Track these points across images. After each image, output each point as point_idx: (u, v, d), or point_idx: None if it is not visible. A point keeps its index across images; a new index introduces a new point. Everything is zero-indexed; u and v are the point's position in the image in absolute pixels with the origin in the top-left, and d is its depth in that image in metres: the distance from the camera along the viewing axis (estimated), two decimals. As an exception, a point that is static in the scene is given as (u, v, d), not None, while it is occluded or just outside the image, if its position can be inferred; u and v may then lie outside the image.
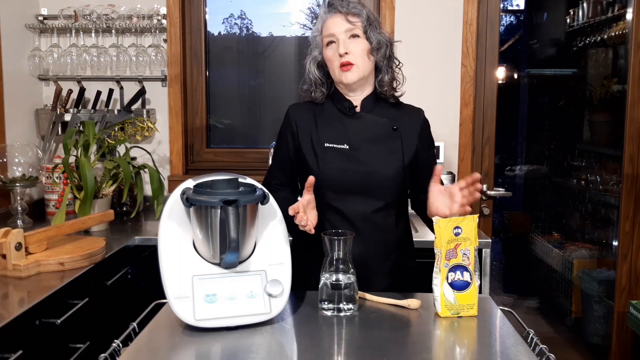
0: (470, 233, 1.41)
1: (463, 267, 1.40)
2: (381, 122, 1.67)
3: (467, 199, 1.45)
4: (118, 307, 2.09)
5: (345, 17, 1.61)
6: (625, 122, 2.67)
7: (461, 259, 1.40)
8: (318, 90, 1.70)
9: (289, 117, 1.72)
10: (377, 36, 1.63)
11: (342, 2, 1.64)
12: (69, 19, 2.84)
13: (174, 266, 1.31)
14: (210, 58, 3.04)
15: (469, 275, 1.40)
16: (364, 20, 1.62)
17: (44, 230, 1.91)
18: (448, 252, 1.41)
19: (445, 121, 2.82)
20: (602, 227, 3.65)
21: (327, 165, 1.62)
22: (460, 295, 1.40)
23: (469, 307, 1.41)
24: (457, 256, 1.41)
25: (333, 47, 1.62)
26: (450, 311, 1.40)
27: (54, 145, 2.89)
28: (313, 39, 1.70)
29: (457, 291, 1.40)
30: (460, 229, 1.40)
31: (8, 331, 1.43)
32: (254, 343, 1.24)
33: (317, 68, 1.69)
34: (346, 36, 1.61)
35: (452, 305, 1.40)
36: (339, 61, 1.61)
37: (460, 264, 1.41)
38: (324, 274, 1.39)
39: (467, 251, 1.41)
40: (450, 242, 1.41)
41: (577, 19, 3.84)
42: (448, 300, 1.40)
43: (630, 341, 2.74)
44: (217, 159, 3.02)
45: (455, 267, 1.41)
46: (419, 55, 2.80)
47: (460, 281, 1.40)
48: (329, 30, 1.62)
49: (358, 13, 1.62)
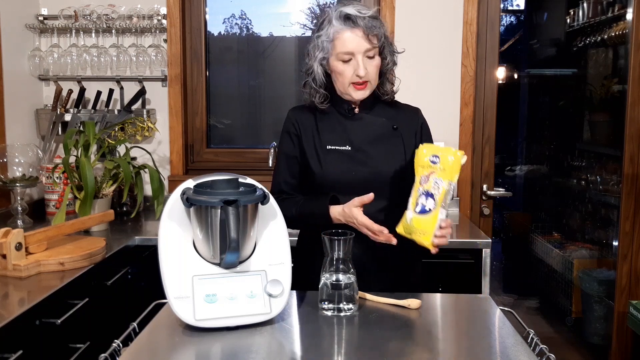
0: (448, 165, 1.41)
1: (430, 195, 1.42)
2: (381, 122, 1.67)
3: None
4: (118, 307, 2.09)
5: (366, 37, 1.57)
6: (625, 122, 2.67)
7: (431, 187, 1.42)
8: (320, 94, 1.67)
9: (291, 121, 1.71)
10: (391, 54, 1.64)
11: (363, 19, 1.57)
12: (69, 19, 2.84)
13: (174, 266, 1.31)
14: (211, 58, 3.04)
15: (433, 204, 1.41)
16: (382, 39, 1.61)
17: (44, 230, 1.91)
18: (422, 178, 1.44)
19: (445, 121, 2.82)
20: (602, 227, 3.64)
21: (330, 167, 1.63)
22: (417, 219, 1.42)
23: (422, 232, 1.42)
24: (428, 182, 1.43)
25: (350, 65, 1.59)
26: (404, 230, 1.44)
27: (54, 145, 2.89)
28: (320, 43, 1.62)
29: (416, 214, 1.42)
30: (438, 158, 1.42)
31: (8, 331, 1.43)
32: (254, 343, 1.24)
33: (322, 72, 1.66)
34: (364, 55, 1.58)
35: (408, 225, 1.44)
36: (354, 79, 1.59)
37: (429, 191, 1.42)
38: (324, 274, 1.39)
39: (439, 181, 1.41)
40: (425, 168, 1.44)
41: (577, 19, 3.84)
42: (406, 220, 1.44)
43: (630, 341, 2.74)
44: (217, 159, 3.02)
45: (424, 193, 1.43)
46: (419, 55, 2.80)
47: (423, 206, 1.42)
48: (347, 47, 1.57)
49: (378, 33, 1.59)
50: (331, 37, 1.60)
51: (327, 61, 1.63)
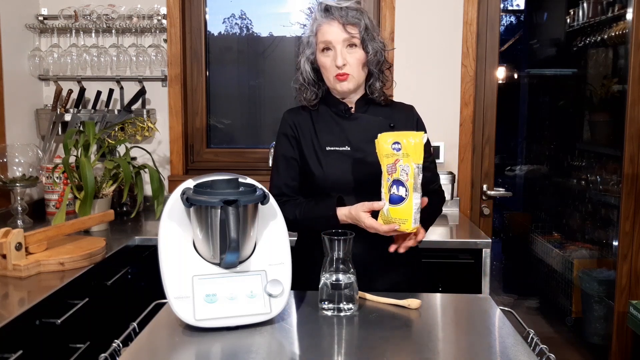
0: (410, 149, 1.40)
1: (400, 182, 1.41)
2: (378, 121, 1.67)
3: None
4: (118, 307, 2.09)
5: (343, 27, 1.57)
6: (625, 122, 2.67)
7: (399, 174, 1.41)
8: (310, 90, 1.67)
9: (288, 122, 1.70)
10: (374, 45, 1.62)
11: (340, 9, 1.58)
12: (69, 19, 2.84)
13: (174, 266, 1.31)
14: (210, 58, 3.04)
15: (405, 191, 1.41)
16: (362, 30, 1.59)
17: (44, 230, 1.91)
18: (388, 167, 1.43)
19: (445, 121, 2.82)
20: (602, 227, 3.64)
21: (330, 168, 1.62)
22: (394, 209, 1.42)
23: (402, 221, 1.42)
24: (396, 171, 1.42)
25: (329, 55, 1.60)
26: (383, 222, 1.45)
27: (54, 145, 2.89)
28: (306, 39, 1.65)
29: (391, 205, 1.42)
30: (399, 144, 1.41)
31: (8, 331, 1.43)
32: (254, 343, 1.24)
33: (310, 68, 1.67)
34: (343, 45, 1.58)
35: (386, 217, 1.44)
36: (335, 71, 1.60)
37: (398, 179, 1.42)
38: (324, 274, 1.39)
39: (406, 167, 1.41)
40: (389, 157, 1.43)
41: (577, 19, 3.84)
42: (383, 213, 1.45)
43: (630, 341, 2.74)
44: (217, 159, 3.02)
45: (394, 182, 1.42)
46: (419, 55, 2.80)
47: (395, 195, 1.42)
48: (325, 37, 1.59)
49: (356, 23, 1.59)
50: (314, 30, 1.62)
51: (314, 57, 1.64)
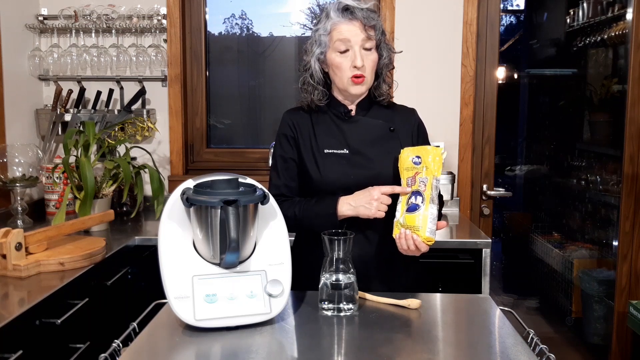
0: (429, 163, 1.48)
1: (418, 193, 1.47)
2: (378, 124, 1.66)
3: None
4: (118, 307, 2.09)
5: (363, 27, 1.57)
6: (625, 122, 2.67)
7: (418, 186, 1.48)
8: (319, 90, 1.66)
9: (287, 123, 1.70)
10: (387, 50, 1.63)
11: (361, 10, 1.58)
12: (69, 19, 2.84)
13: (174, 266, 1.31)
14: (210, 58, 3.04)
15: (422, 200, 1.46)
16: (379, 33, 1.60)
17: (44, 230, 1.91)
18: (409, 180, 1.49)
19: (445, 121, 2.82)
20: (602, 227, 3.64)
21: (328, 171, 1.62)
22: (408, 216, 1.46)
23: (414, 228, 1.45)
24: (415, 183, 1.48)
25: (347, 56, 1.58)
26: (399, 230, 1.48)
27: (54, 145, 2.89)
28: (317, 37, 1.62)
29: (407, 212, 1.47)
30: (419, 158, 1.49)
31: (8, 331, 1.43)
32: (254, 343, 1.24)
33: (319, 68, 1.66)
34: (361, 47, 1.58)
35: (401, 224, 1.48)
36: (351, 72, 1.59)
37: (417, 190, 1.48)
38: (324, 274, 1.39)
39: (425, 179, 1.47)
40: (409, 170, 1.49)
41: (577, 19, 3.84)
42: (399, 222, 1.48)
43: (630, 341, 2.74)
44: (217, 159, 3.02)
45: (413, 193, 1.48)
46: (419, 55, 2.80)
47: (412, 204, 1.47)
48: (344, 36, 1.57)
49: (375, 25, 1.59)
50: (329, 29, 1.60)
51: (324, 56, 1.62)
